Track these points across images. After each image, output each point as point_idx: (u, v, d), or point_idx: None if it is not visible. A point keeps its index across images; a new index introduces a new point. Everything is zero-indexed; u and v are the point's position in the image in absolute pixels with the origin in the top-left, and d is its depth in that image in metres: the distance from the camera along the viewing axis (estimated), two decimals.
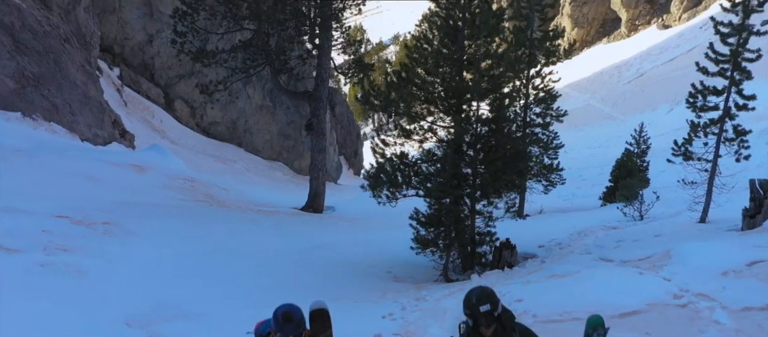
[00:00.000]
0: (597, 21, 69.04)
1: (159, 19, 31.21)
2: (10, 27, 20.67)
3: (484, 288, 5.03)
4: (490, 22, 11.67)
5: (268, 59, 17.97)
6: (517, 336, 5.08)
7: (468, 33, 12.20)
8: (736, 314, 7.99)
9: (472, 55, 12.27)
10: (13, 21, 20.86)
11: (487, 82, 12.34)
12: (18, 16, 21.09)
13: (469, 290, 5.04)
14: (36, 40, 21.42)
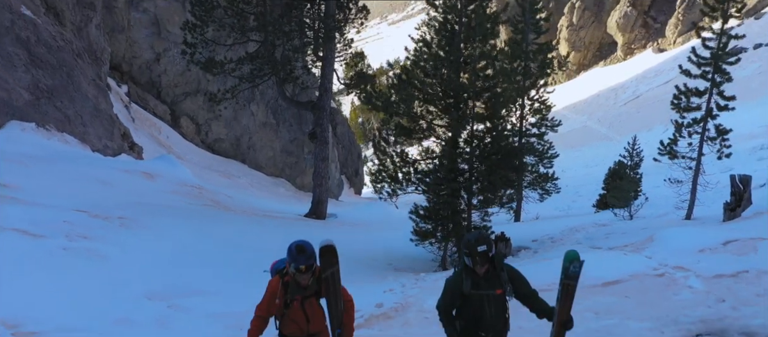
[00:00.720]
0: (594, 45, 70.22)
1: (166, 38, 32.16)
2: (26, 41, 21.45)
3: (482, 232, 5.76)
4: (485, 25, 12.47)
5: (273, 70, 18.76)
6: (505, 275, 5.80)
7: (464, 36, 13.01)
8: (708, 280, 8.69)
9: (468, 56, 13.06)
10: (29, 35, 21.66)
11: (483, 82, 13.12)
12: (34, 31, 21.91)
13: (468, 233, 5.76)
14: (50, 54, 22.22)
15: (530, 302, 5.99)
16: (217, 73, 18.48)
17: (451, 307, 5.87)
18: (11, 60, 20.63)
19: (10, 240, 10.65)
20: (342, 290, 5.85)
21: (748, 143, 38.41)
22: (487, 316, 5.80)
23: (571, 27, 69.25)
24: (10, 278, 9.18)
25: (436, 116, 13.63)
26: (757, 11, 56.96)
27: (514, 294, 5.91)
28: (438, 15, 13.20)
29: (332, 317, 5.83)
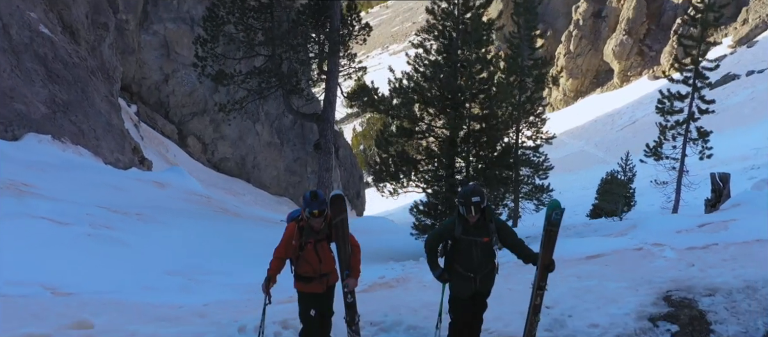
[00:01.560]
0: (591, 72, 71.50)
1: (175, 59, 33.28)
2: (43, 58, 22.41)
3: (476, 185, 6.65)
4: (480, 31, 13.46)
5: (280, 82, 19.72)
6: (493, 226, 6.68)
7: (461, 41, 14.00)
8: (681, 251, 9.54)
9: (465, 60, 14.04)
10: (47, 52, 22.64)
11: (479, 85, 14.07)
12: (51, 48, 22.90)
13: (464, 186, 6.66)
14: (66, 71, 23.21)
15: (517, 250, 6.85)
16: (227, 84, 19.44)
17: (438, 243, 6.74)
18: (30, 75, 21.60)
19: (40, 226, 11.52)
20: (350, 236, 6.70)
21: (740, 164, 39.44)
22: (475, 260, 6.66)
23: (569, 55, 70.62)
24: (43, 255, 10.04)
25: (434, 117, 14.54)
26: (749, 40, 58.29)
27: (502, 243, 6.78)
28: (437, 22, 14.19)
29: (341, 259, 6.68)
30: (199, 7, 32.15)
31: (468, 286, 6.77)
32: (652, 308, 7.91)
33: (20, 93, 20.96)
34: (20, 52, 21.48)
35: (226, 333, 7.32)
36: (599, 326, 7.60)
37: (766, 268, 8.39)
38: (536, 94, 23.60)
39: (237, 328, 7.44)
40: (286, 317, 7.66)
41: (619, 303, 8.03)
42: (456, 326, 6.98)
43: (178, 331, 7.22)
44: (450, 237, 6.69)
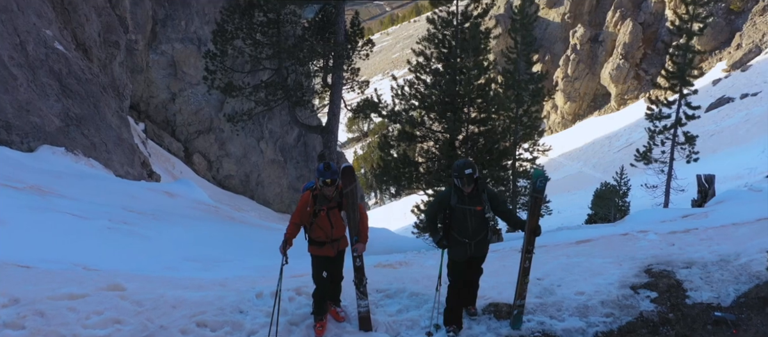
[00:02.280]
0: (588, 96, 72.55)
1: (182, 78, 34.22)
2: (58, 73, 23.26)
3: (469, 160, 7.44)
4: (478, 38, 14.32)
5: (286, 95, 20.57)
6: (485, 196, 7.44)
7: (459, 49, 14.85)
8: (664, 235, 10.28)
9: (463, 67, 14.88)
10: (61, 68, 23.49)
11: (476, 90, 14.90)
12: (65, 64, 23.77)
13: (458, 160, 7.46)
14: (79, 86, 24.06)
15: (507, 217, 7.62)
16: (236, 96, 20.27)
17: (436, 213, 7.50)
18: (45, 90, 22.44)
19: (65, 218, 12.30)
20: (359, 205, 7.46)
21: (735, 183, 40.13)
22: (470, 227, 7.42)
23: (567, 78, 71.73)
24: (70, 240, 10.80)
25: (434, 121, 15.34)
26: (743, 64, 59.38)
27: (493, 211, 7.55)
28: (437, 32, 15.06)
29: (351, 225, 7.43)
30: (206, 28, 33.17)
31: (464, 251, 7.50)
32: (634, 278, 8.65)
33: (36, 106, 21.76)
34: (36, 68, 22.32)
35: (244, 298, 8.05)
36: (585, 294, 8.33)
37: (739, 244, 9.14)
38: (533, 107, 24.43)
39: (254, 294, 8.17)
40: (300, 285, 8.40)
41: (603, 275, 8.77)
42: (454, 288, 7.70)
43: (201, 295, 7.96)
44: (447, 207, 7.44)
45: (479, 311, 8.09)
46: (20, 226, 10.95)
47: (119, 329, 7.19)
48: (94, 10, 26.58)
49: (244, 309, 7.88)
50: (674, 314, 7.94)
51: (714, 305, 8.01)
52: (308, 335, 7.60)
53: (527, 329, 7.76)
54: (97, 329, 7.11)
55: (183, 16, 33.41)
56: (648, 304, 8.13)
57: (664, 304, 8.11)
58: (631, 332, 7.71)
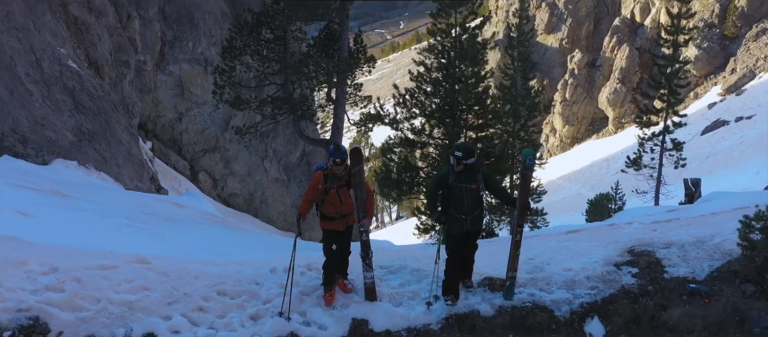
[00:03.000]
0: (586, 119, 73.55)
1: (188, 98, 35.14)
2: (72, 90, 24.13)
3: (466, 142, 8.26)
4: (476, 48, 15.20)
5: (292, 109, 21.42)
6: (480, 175, 8.23)
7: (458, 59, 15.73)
8: (647, 224, 11.05)
9: (461, 75, 15.76)
10: (75, 85, 24.38)
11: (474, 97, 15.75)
12: (78, 81, 24.67)
13: (456, 143, 8.26)
14: (92, 102, 24.93)
15: (500, 195, 8.41)
16: (244, 109, 21.12)
17: (436, 190, 8.28)
18: (58, 105, 23.29)
19: (86, 215, 13.08)
20: (365, 184, 8.24)
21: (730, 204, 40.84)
22: (466, 204, 8.20)
23: (565, 102, 72.81)
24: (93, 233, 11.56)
25: (434, 127, 16.17)
26: (738, 88, 60.41)
27: (487, 189, 8.33)
28: (437, 43, 15.94)
29: (358, 202, 8.20)
30: (213, 50, 34.14)
31: (461, 226, 8.27)
32: (617, 257, 9.41)
33: (50, 121, 22.59)
34: (51, 84, 23.18)
35: (260, 272, 8.82)
36: (572, 270, 9.08)
37: (715, 228, 9.91)
38: (530, 122, 25.22)
39: (269, 269, 8.94)
40: (310, 262, 9.17)
41: (590, 255, 9.53)
42: (452, 261, 8.45)
43: (221, 269, 8.73)
44: (445, 185, 8.22)
45: (475, 284, 8.83)
46: (46, 219, 11.72)
47: (148, 294, 7.94)
48: (106, 30, 27.57)
49: (260, 281, 8.64)
50: (653, 287, 8.68)
51: (689, 279, 8.76)
52: (319, 303, 8.35)
53: (519, 300, 8.50)
54: (128, 294, 7.86)
55: (190, 38, 34.41)
56: (629, 278, 8.87)
57: (644, 278, 8.86)
58: (613, 302, 8.45)
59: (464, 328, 8.19)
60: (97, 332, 7.36)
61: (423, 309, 8.33)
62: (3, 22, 21.60)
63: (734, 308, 8.24)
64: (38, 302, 7.39)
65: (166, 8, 33.54)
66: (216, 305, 8.05)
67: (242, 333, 7.75)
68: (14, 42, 22.01)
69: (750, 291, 8.47)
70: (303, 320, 8.06)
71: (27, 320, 7.20)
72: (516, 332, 8.17)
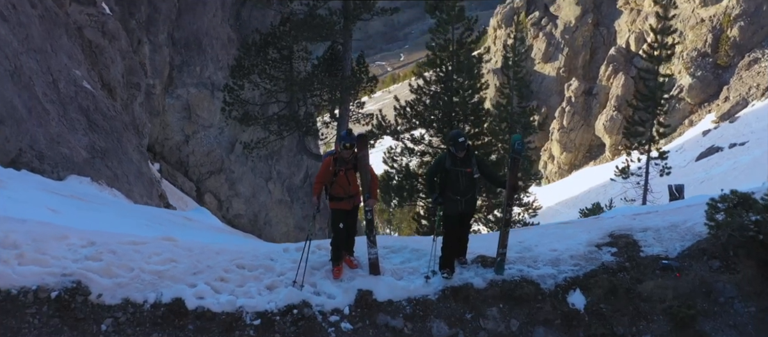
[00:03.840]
0: (584, 146, 74.60)
1: (195, 121, 36.25)
2: (86, 109, 25.17)
3: (461, 130, 9.29)
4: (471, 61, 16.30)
5: (297, 125, 22.47)
6: (474, 160, 9.20)
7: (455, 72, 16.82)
8: (628, 216, 12.01)
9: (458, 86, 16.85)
10: (89, 105, 25.43)
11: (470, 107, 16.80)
12: (92, 101, 25.73)
13: (452, 130, 9.27)
14: (105, 122, 25.96)
15: (492, 178, 9.40)
16: (251, 125, 22.15)
17: (434, 174, 9.26)
18: (73, 124, 24.32)
19: (108, 216, 14.07)
20: (370, 167, 9.19)
21: None
22: (461, 186, 9.16)
23: (562, 130, 73.94)
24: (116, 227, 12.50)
25: (433, 136, 17.19)
26: (731, 115, 61.58)
27: (480, 173, 9.29)
28: (435, 57, 17.03)
29: (363, 183, 9.17)
30: (220, 74, 35.34)
31: (456, 206, 9.23)
32: (598, 240, 10.35)
33: (65, 139, 23.58)
34: (66, 104, 24.23)
35: (274, 250, 9.80)
36: (557, 250, 10.02)
37: (688, 215, 10.87)
38: (525, 138, 26.18)
39: (282, 249, 9.89)
40: (320, 243, 10.11)
41: (574, 239, 10.47)
42: (448, 240, 9.39)
43: (239, 247, 9.70)
44: (442, 169, 9.19)
45: (469, 262, 9.75)
46: (73, 215, 12.68)
47: (175, 265, 8.89)
48: (118, 54, 28.73)
49: (274, 258, 9.59)
50: (630, 264, 9.63)
51: (662, 256, 9.71)
52: (327, 277, 9.28)
53: (508, 275, 9.42)
54: (158, 265, 8.81)
55: (198, 62, 35.60)
56: (609, 256, 9.82)
57: (622, 256, 9.80)
58: (593, 276, 9.39)
59: (459, 298, 9.10)
60: (131, 295, 8.28)
61: (422, 282, 9.23)
62: (22, 45, 22.70)
63: (702, 280, 9.18)
64: (80, 268, 8.33)
65: (175, 34, 34.79)
66: (235, 276, 8.98)
67: (259, 300, 8.66)
68: (33, 63, 23.11)
69: (716, 266, 9.41)
70: (314, 291, 8.98)
71: (71, 283, 8.13)
72: (505, 302, 9.08)
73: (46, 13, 25.00)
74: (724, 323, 8.75)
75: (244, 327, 8.34)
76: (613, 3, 75.31)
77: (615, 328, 8.76)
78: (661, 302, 8.94)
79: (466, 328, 8.78)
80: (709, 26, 65.86)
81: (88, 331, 7.80)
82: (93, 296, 8.11)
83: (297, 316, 8.53)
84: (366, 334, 8.58)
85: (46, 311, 7.82)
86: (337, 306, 8.81)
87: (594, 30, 76.43)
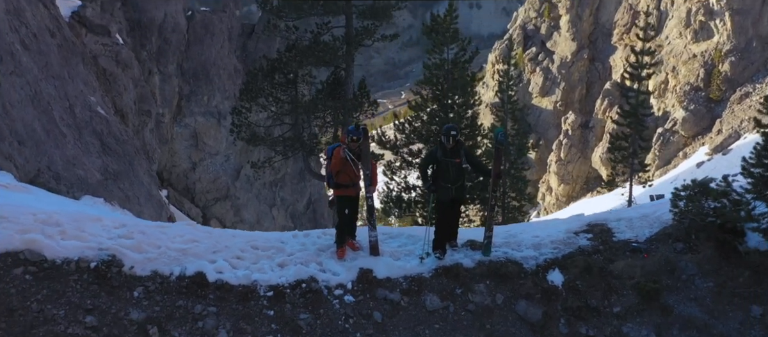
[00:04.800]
0: (581, 178, 75.67)
1: (202, 149, 37.56)
2: (100, 133, 26.36)
3: (452, 123, 10.49)
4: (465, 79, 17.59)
5: (302, 146, 23.68)
6: (463, 151, 10.38)
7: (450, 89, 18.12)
8: (606, 212, 13.14)
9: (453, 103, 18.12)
10: (102, 129, 26.64)
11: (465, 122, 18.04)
12: (106, 125, 26.96)
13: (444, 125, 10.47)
14: (117, 145, 27.15)
15: (477, 167, 10.58)
16: (259, 145, 23.36)
17: (427, 164, 10.42)
18: (88, 147, 25.51)
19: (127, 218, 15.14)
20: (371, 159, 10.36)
21: None
22: (452, 175, 10.32)
23: (560, 162, 75.12)
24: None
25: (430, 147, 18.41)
26: (724, 148, 62.77)
27: (468, 162, 10.46)
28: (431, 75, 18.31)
29: (365, 172, 10.32)
30: (226, 103, 36.76)
31: (447, 193, 10.38)
32: (577, 228, 11.49)
33: (80, 161, 24.72)
34: (82, 128, 25.44)
35: (285, 236, 10.94)
36: (539, 237, 11.14)
37: (658, 208, 12.01)
38: (519, 159, 27.45)
39: (291, 235, 11.02)
40: (325, 230, 11.24)
41: (555, 228, 11.61)
42: (440, 224, 10.53)
43: (252, 233, 10.82)
44: (435, 160, 10.36)
45: (459, 245, 10.87)
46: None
47: (197, 245, 10.02)
48: (131, 81, 30.11)
49: (284, 241, 10.73)
50: (603, 247, 10.75)
51: (632, 241, 10.83)
52: (332, 257, 10.40)
53: (495, 256, 10.53)
54: (181, 244, 9.95)
55: (205, 92, 37.06)
56: (585, 241, 10.94)
57: (597, 241, 10.93)
58: (571, 258, 10.51)
59: (450, 276, 10.20)
60: (159, 268, 9.38)
61: (417, 262, 10.35)
62: (42, 72, 24.02)
63: (667, 260, 10.29)
64: (114, 244, 9.45)
65: (184, 64, 36.30)
66: (250, 255, 10.10)
67: (272, 275, 9.76)
68: (51, 89, 24.38)
69: (680, 248, 10.53)
70: (320, 268, 10.08)
71: (107, 256, 9.24)
72: (492, 279, 10.18)
73: (64, 42, 26.38)
74: (686, 297, 9.84)
75: (259, 298, 9.41)
76: (607, 39, 77.21)
77: (589, 301, 9.84)
78: (630, 278, 10.03)
79: (456, 301, 9.85)
80: (701, 61, 67.48)
81: (122, 297, 8.87)
82: (126, 268, 9.20)
83: (305, 289, 9.60)
84: (367, 305, 9.64)
85: (86, 278, 8.90)
86: (341, 282, 9.88)
87: (589, 65, 78.20)
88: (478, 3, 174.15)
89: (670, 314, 9.63)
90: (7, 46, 20.78)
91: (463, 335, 9.42)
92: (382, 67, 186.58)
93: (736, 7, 60.86)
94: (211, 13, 39.26)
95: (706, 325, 9.48)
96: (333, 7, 21.80)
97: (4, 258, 8.70)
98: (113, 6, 31.73)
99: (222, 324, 8.83)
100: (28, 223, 9.38)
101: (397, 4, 22.20)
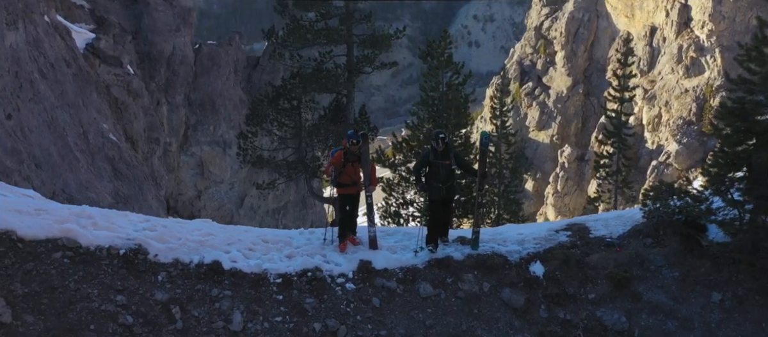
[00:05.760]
0: (578, 210, 76.59)
1: (208, 177, 38.73)
2: (111, 159, 27.53)
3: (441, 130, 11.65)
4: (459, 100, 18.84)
5: (305, 169, 24.86)
6: (452, 153, 11.56)
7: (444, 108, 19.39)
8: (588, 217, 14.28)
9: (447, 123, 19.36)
10: (114, 155, 27.80)
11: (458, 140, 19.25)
12: (117, 151, 28.13)
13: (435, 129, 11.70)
14: (128, 171, 28.31)
15: (465, 168, 11.76)
16: (263, 167, 24.53)
17: (420, 167, 11.58)
18: (100, 172, 26.66)
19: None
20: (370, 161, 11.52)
21: None
22: (442, 175, 11.48)
23: (557, 194, 76.23)
24: None
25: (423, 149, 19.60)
26: None
27: (457, 164, 11.62)
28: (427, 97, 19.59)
29: (364, 173, 11.48)
30: (231, 132, 38.04)
31: (439, 193, 11.51)
32: (557, 227, 12.61)
33: (93, 185, 25.85)
34: (94, 154, 26.62)
35: (292, 233, 12.04)
36: (523, 234, 12.27)
37: (633, 211, 13.15)
38: (513, 182, 28.57)
39: (298, 232, 12.15)
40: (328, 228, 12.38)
41: (538, 227, 12.76)
42: (433, 221, 11.66)
43: (262, 229, 11.95)
44: (427, 162, 11.53)
45: (450, 241, 11.98)
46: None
47: (213, 237, 11.15)
48: (141, 110, 31.44)
49: (292, 236, 11.85)
50: (581, 242, 11.87)
51: (607, 237, 11.96)
52: (335, 250, 11.51)
53: (482, 250, 11.64)
54: (199, 237, 11.08)
55: (211, 122, 38.38)
56: (564, 238, 12.06)
57: (575, 237, 12.06)
58: (551, 251, 11.62)
59: (441, 267, 11.29)
60: (180, 257, 10.49)
61: (412, 255, 11.44)
62: (58, 99, 25.29)
63: (637, 253, 11.41)
64: (140, 236, 10.58)
65: (191, 95, 37.68)
66: (261, 247, 11.22)
67: (281, 265, 10.86)
68: (66, 116, 25.61)
69: (649, 243, 11.66)
70: (324, 260, 11.18)
71: (134, 245, 10.36)
72: (479, 270, 11.27)
73: (79, 71, 27.69)
74: (654, 285, 10.93)
75: (269, 284, 10.50)
76: (602, 75, 78.88)
77: (567, 289, 10.92)
78: (604, 269, 11.13)
79: (447, 289, 10.93)
80: (693, 96, 69.01)
81: (148, 280, 9.96)
82: (151, 256, 10.30)
83: (311, 277, 10.69)
84: (366, 292, 10.72)
85: (116, 263, 10.01)
86: (343, 272, 10.97)
87: (585, 100, 79.70)
88: (477, 41, 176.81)
89: (639, 300, 10.69)
90: (27, 75, 21.99)
91: (453, 318, 10.45)
92: (383, 104, 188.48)
93: (725, 44, 62.47)
94: (217, 46, 40.82)
95: (671, 310, 10.54)
96: (335, 37, 23.19)
97: (45, 244, 9.82)
98: (125, 39, 33.16)
99: (236, 306, 9.88)
100: (64, 215, 10.53)
101: (396, 35, 23.61)
